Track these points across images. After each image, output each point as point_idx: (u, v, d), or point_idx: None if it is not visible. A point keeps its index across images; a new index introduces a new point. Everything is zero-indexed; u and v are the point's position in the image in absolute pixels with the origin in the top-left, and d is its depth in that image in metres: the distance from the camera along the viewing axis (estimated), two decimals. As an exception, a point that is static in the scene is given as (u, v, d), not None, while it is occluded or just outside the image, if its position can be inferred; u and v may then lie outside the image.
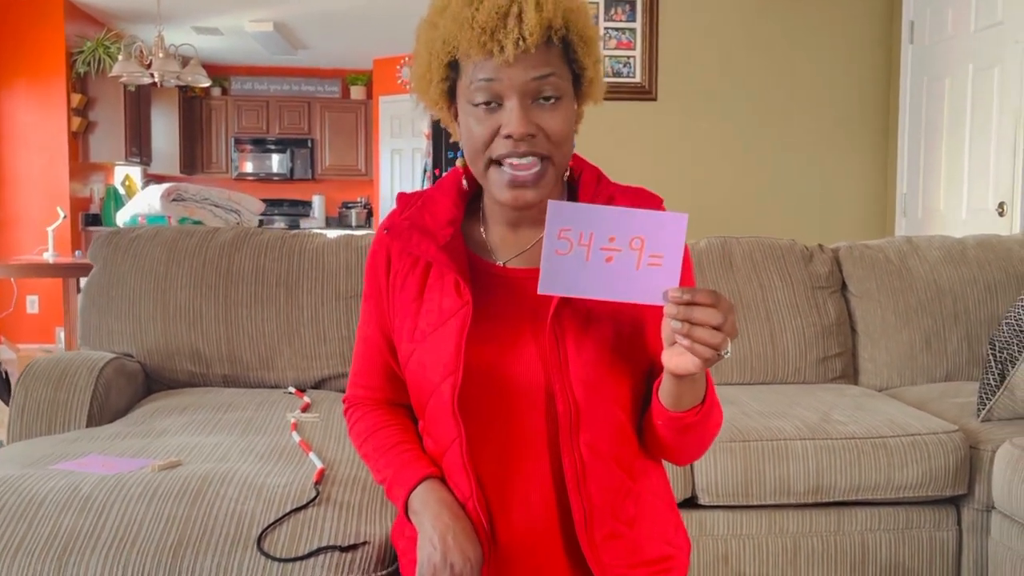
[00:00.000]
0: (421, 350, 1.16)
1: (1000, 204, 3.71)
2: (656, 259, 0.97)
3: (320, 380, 2.43)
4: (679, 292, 0.95)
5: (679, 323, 0.95)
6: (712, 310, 0.95)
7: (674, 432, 1.11)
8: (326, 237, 2.58)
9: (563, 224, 0.97)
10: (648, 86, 4.33)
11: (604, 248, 0.97)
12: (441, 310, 1.15)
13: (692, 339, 0.95)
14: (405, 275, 1.21)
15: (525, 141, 1.07)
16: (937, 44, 4.19)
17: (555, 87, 1.08)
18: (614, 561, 1.14)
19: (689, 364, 0.98)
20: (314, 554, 1.36)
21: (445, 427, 1.14)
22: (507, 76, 1.06)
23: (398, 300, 1.21)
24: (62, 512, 1.41)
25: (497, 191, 1.11)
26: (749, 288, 2.73)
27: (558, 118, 1.09)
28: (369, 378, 1.30)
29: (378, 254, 1.25)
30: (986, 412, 2.31)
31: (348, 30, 7.93)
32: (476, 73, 1.08)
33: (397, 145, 9.22)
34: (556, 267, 0.98)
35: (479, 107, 1.09)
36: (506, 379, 1.13)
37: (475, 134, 1.10)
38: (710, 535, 2.18)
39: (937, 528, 2.24)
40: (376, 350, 1.27)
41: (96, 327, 2.42)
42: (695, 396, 1.07)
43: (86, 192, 7.28)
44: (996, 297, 2.77)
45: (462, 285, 1.13)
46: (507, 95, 1.07)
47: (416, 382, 1.18)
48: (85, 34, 7.08)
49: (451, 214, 1.18)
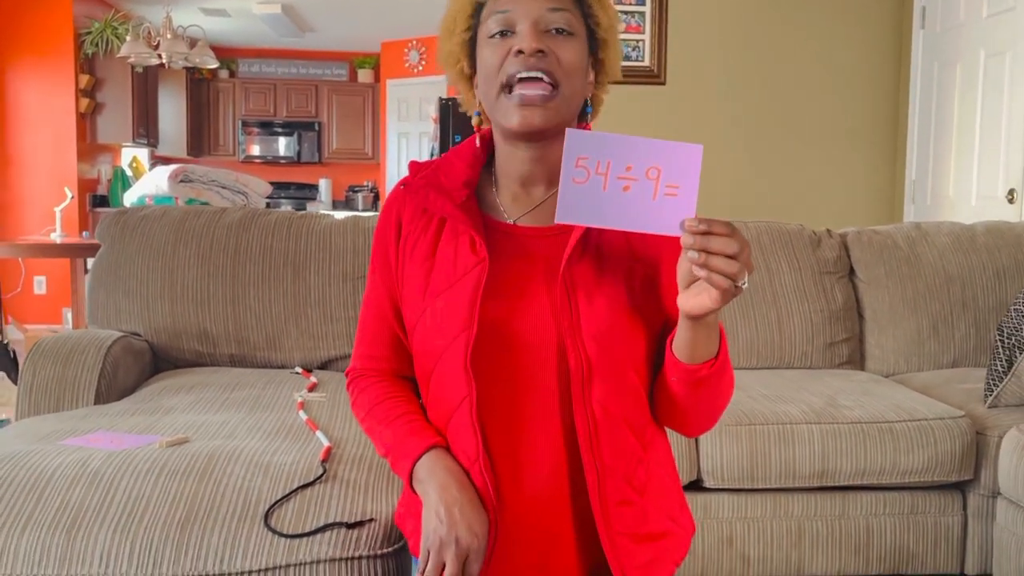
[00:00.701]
0: (433, 308, 1.15)
1: (1010, 191, 3.69)
2: (672, 189, 0.97)
3: (327, 360, 2.43)
4: (695, 221, 0.95)
5: (696, 253, 0.95)
6: (728, 239, 0.95)
7: (688, 387, 1.10)
8: (333, 218, 2.58)
9: (581, 152, 0.97)
10: (657, 70, 4.31)
11: (621, 177, 0.97)
12: (455, 268, 1.15)
13: (709, 268, 0.95)
14: (417, 237, 1.20)
15: (535, 57, 1.11)
16: (949, 30, 4.16)
17: (568, 22, 1.14)
18: (623, 529, 1.13)
19: (707, 300, 0.98)
20: (320, 531, 1.36)
21: (455, 386, 1.13)
22: (522, 5, 1.13)
23: (409, 262, 1.21)
24: (71, 487, 1.42)
25: (506, 117, 1.14)
26: (757, 273, 2.72)
27: (569, 48, 1.14)
28: (373, 347, 1.30)
29: (389, 216, 1.25)
30: (993, 398, 2.30)
31: (356, 13, 7.90)
32: (494, 6, 1.15)
33: (404, 129, 9.20)
34: (574, 196, 0.98)
35: (494, 37, 1.14)
36: (518, 335, 1.13)
37: (489, 61, 1.15)
38: (715, 518, 2.19)
39: (942, 513, 2.24)
40: (382, 318, 1.27)
41: (104, 306, 2.43)
42: (709, 347, 1.07)
43: (93, 173, 7.29)
44: (1005, 284, 2.76)
45: (478, 242, 1.14)
46: (520, 21, 1.13)
47: (425, 342, 1.17)
48: (93, 15, 7.07)
49: (466, 175, 1.20)
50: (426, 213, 1.21)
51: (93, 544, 1.32)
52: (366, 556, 1.35)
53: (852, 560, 2.23)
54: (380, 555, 1.36)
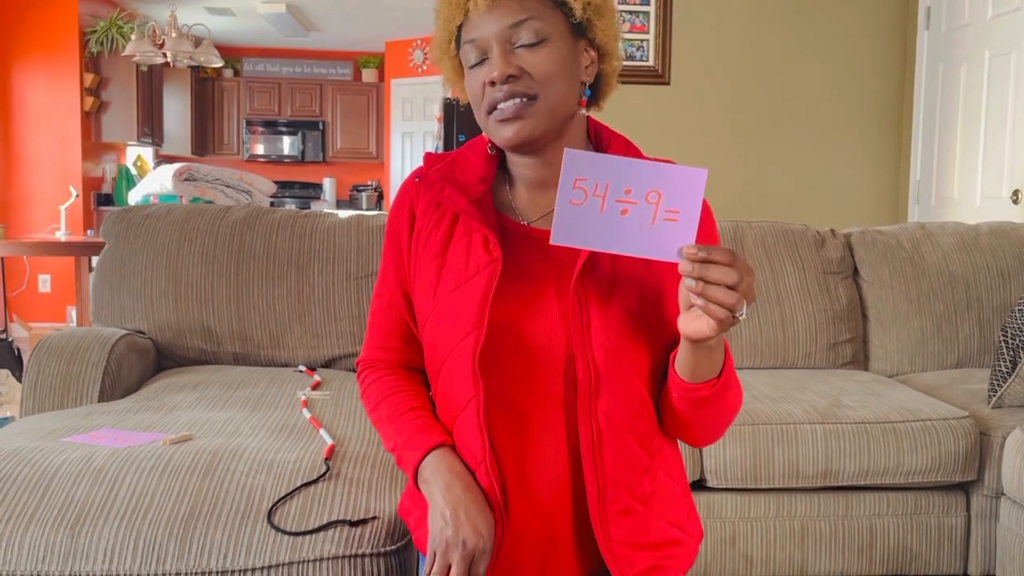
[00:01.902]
0: (443, 306, 1.14)
1: (1015, 192, 3.68)
2: (673, 214, 0.95)
3: (330, 359, 2.44)
4: (695, 249, 0.94)
5: (694, 282, 0.94)
6: (728, 268, 0.93)
7: (689, 405, 1.10)
8: (338, 217, 2.59)
9: (579, 173, 0.95)
10: (661, 70, 4.31)
11: (620, 200, 0.95)
12: (467, 266, 1.14)
13: (706, 298, 0.94)
14: (430, 231, 1.20)
15: (507, 84, 1.10)
16: (954, 30, 4.15)
17: (534, 31, 1.11)
18: (622, 538, 1.13)
19: (704, 327, 0.97)
20: (324, 528, 1.36)
21: (463, 386, 1.12)
22: (485, 27, 1.11)
23: (421, 256, 1.20)
24: (75, 483, 1.42)
25: (494, 136, 1.15)
26: (761, 273, 2.72)
27: (541, 57, 1.11)
28: (385, 338, 1.28)
29: (402, 207, 1.24)
30: (997, 399, 2.30)
31: (360, 12, 7.91)
32: (464, 37, 1.14)
33: (408, 128, 9.20)
34: (570, 217, 0.96)
35: (473, 68, 1.14)
36: (527, 339, 1.12)
37: (472, 90, 1.15)
38: (718, 518, 2.19)
39: (946, 514, 2.24)
40: (394, 308, 1.26)
41: (108, 303, 2.43)
42: (712, 368, 1.06)
43: (98, 172, 7.30)
44: (1009, 284, 2.76)
45: (492, 241, 1.13)
46: (489, 47, 1.12)
47: (434, 339, 1.16)
48: (98, 14, 7.08)
49: (482, 171, 1.19)
50: (439, 207, 1.20)
51: (97, 540, 1.33)
52: (369, 554, 1.35)
53: (855, 560, 2.22)
54: (383, 553, 1.36)
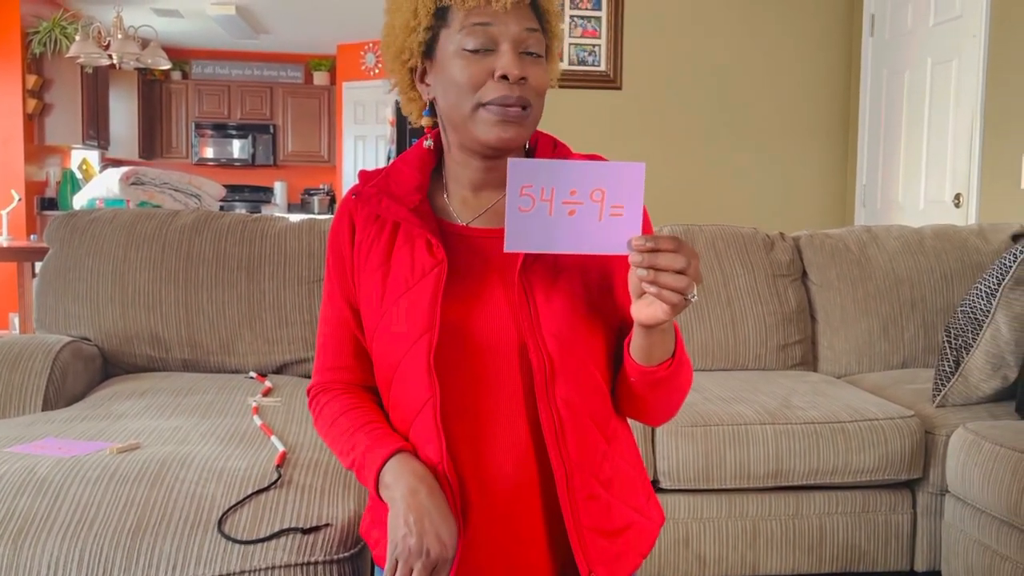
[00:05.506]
0: (392, 313, 1.15)
1: (956, 195, 3.77)
2: (618, 209, 0.99)
3: (282, 365, 2.41)
4: (642, 240, 0.97)
5: (645, 271, 0.97)
6: (675, 255, 0.96)
7: (647, 388, 1.12)
8: (288, 221, 2.56)
9: (524, 181, 0.98)
10: (613, 75, 4.34)
11: (566, 202, 0.99)
12: (413, 271, 1.15)
13: (658, 285, 0.97)
14: (371, 243, 1.20)
15: (519, 84, 1.11)
16: (897, 37, 4.25)
17: (539, 44, 1.14)
18: (591, 524, 1.14)
19: (658, 312, 1.00)
20: (275, 536, 1.35)
21: (418, 389, 1.12)
22: (503, 23, 1.11)
23: (364, 269, 1.20)
24: (17, 494, 1.39)
25: (482, 131, 1.13)
26: (711, 275, 2.75)
27: (540, 71, 1.14)
28: (336, 358, 1.27)
29: (342, 223, 1.24)
30: (941, 398, 2.35)
31: (312, 15, 7.84)
32: (470, 18, 1.11)
33: (360, 132, 9.15)
34: (521, 224, 0.99)
35: (474, 53, 1.12)
36: (478, 336, 1.13)
37: (464, 77, 1.12)
38: (671, 518, 2.20)
39: (893, 511, 2.28)
40: (343, 325, 1.25)
41: (52, 310, 2.38)
42: (665, 350, 1.09)
43: (42, 176, 7.13)
44: (952, 286, 2.82)
45: (435, 244, 1.14)
46: (501, 41, 1.11)
47: (385, 347, 1.16)
48: (41, 14, 6.93)
49: (417, 180, 1.20)
50: (378, 220, 1.21)
51: (40, 553, 1.29)
52: (322, 561, 1.34)
53: (806, 559, 2.26)
54: (336, 560, 1.35)
